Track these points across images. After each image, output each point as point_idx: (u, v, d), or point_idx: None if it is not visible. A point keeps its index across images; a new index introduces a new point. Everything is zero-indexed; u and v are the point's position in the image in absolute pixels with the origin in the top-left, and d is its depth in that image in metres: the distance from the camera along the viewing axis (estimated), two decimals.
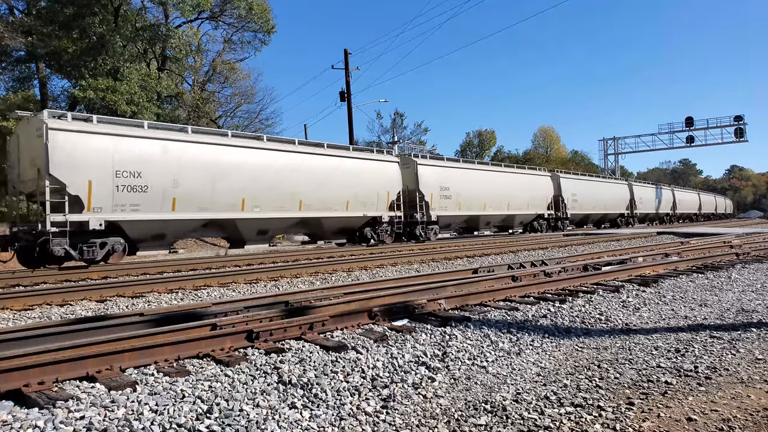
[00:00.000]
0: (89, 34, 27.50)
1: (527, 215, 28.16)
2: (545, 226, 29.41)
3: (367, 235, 19.50)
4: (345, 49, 30.48)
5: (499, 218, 26.37)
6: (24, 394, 3.43)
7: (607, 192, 36.87)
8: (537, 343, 4.84)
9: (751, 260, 11.13)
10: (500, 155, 62.23)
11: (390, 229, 20.13)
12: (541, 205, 28.95)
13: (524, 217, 28.19)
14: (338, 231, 18.93)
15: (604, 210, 35.84)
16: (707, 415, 3.18)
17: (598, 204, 34.87)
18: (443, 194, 22.32)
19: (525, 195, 27.62)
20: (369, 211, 19.18)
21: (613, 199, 37.19)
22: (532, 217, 28.57)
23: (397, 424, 3.09)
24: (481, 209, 24.54)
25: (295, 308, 5.64)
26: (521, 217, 27.85)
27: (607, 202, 36.17)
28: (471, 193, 23.73)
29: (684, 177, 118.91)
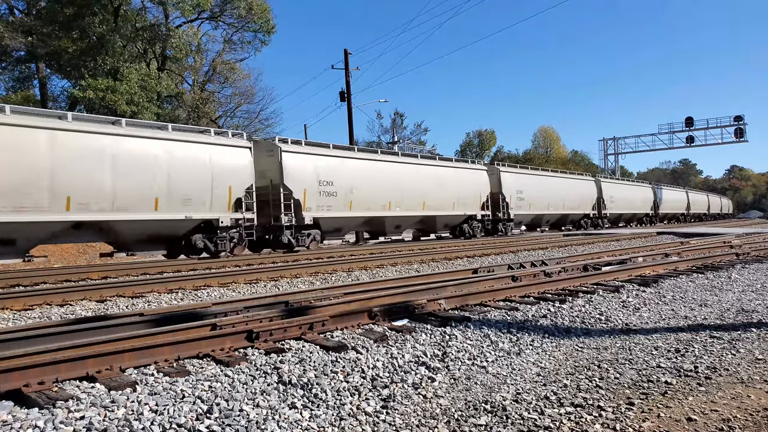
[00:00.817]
0: (89, 34, 27.51)
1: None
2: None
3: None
4: (345, 49, 30.49)
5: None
6: (24, 394, 3.43)
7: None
8: (537, 343, 4.84)
9: (751, 260, 11.13)
10: (500, 155, 62.21)
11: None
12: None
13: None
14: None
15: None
16: (707, 415, 3.18)
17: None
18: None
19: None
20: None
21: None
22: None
23: (397, 424, 3.09)
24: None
25: (295, 308, 5.64)
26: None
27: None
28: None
29: (684, 177, 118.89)
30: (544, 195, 28.34)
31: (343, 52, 30.46)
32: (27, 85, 30.72)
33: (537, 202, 27.71)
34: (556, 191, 29.68)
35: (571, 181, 31.77)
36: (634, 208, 38.74)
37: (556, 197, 29.57)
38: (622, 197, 36.33)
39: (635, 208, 38.87)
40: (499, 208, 27.20)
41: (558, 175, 31.71)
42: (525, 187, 26.90)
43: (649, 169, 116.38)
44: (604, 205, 33.67)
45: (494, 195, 25.70)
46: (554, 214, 29.78)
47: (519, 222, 27.32)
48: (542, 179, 29.18)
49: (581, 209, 32.10)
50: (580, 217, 32.47)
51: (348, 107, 30.61)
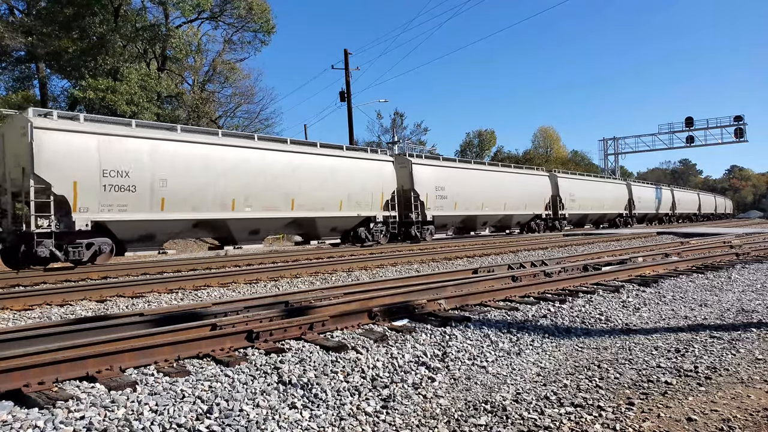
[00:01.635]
0: (89, 34, 27.51)
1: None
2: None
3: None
4: (345, 49, 30.49)
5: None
6: (24, 394, 3.43)
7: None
8: (537, 343, 4.84)
9: (751, 260, 11.13)
10: (500, 155, 62.21)
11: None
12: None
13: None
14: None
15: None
16: (707, 415, 3.18)
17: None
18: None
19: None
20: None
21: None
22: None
23: (397, 424, 3.09)
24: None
25: (295, 308, 5.64)
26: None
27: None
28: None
29: (684, 177, 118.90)
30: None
31: (343, 52, 30.48)
32: (27, 85, 30.74)
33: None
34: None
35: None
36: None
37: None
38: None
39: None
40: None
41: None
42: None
43: (649, 169, 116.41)
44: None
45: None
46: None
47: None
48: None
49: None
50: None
51: (348, 107, 30.62)
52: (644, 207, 41.62)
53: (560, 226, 30.32)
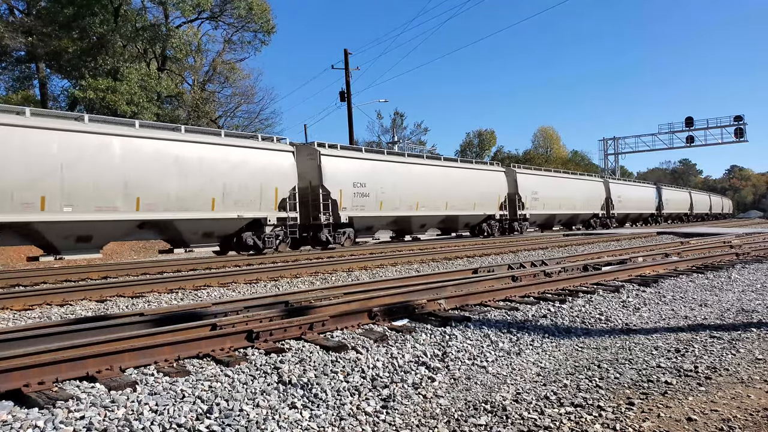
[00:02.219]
0: (89, 34, 27.52)
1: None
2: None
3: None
4: (345, 49, 30.50)
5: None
6: (24, 394, 3.43)
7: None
8: (537, 343, 4.84)
9: (751, 260, 11.13)
10: (500, 155, 62.23)
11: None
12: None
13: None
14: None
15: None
16: (707, 415, 3.18)
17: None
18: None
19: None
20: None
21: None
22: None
23: (397, 424, 3.09)
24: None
25: (295, 308, 5.64)
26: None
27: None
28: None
29: (684, 177, 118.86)
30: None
31: (343, 52, 30.49)
32: (27, 85, 30.76)
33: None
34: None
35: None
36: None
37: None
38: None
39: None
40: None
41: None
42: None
43: (649, 169, 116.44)
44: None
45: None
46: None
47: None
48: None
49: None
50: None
51: (348, 107, 30.63)
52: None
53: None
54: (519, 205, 27.13)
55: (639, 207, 40.92)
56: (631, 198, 39.11)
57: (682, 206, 52.48)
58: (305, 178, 17.76)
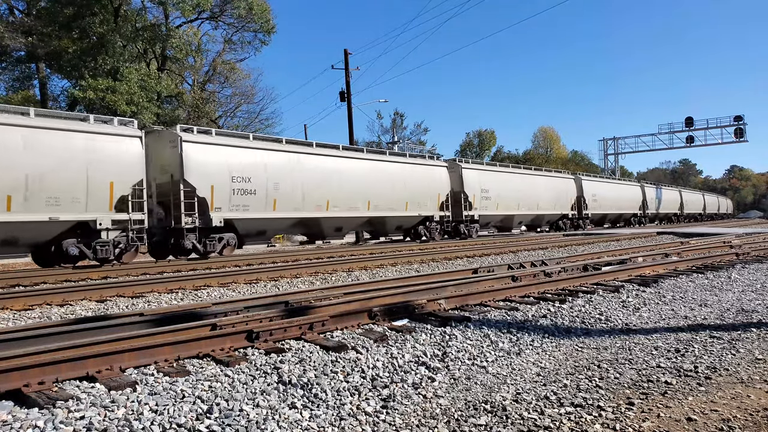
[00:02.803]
0: (89, 34, 27.52)
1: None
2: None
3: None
4: (345, 49, 30.49)
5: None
6: (24, 394, 3.43)
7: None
8: (537, 343, 4.84)
9: (751, 260, 11.12)
10: (500, 155, 62.22)
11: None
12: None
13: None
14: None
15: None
16: (707, 415, 3.18)
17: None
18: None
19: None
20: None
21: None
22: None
23: (397, 424, 3.09)
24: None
25: (295, 308, 5.63)
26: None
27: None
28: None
29: (684, 177, 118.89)
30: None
31: (343, 52, 30.48)
32: (27, 85, 30.78)
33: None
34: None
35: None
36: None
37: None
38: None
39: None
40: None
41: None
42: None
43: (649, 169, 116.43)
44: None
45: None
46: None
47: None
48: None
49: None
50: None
51: (348, 107, 30.62)
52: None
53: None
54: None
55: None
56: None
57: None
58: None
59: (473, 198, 24.07)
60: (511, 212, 26.87)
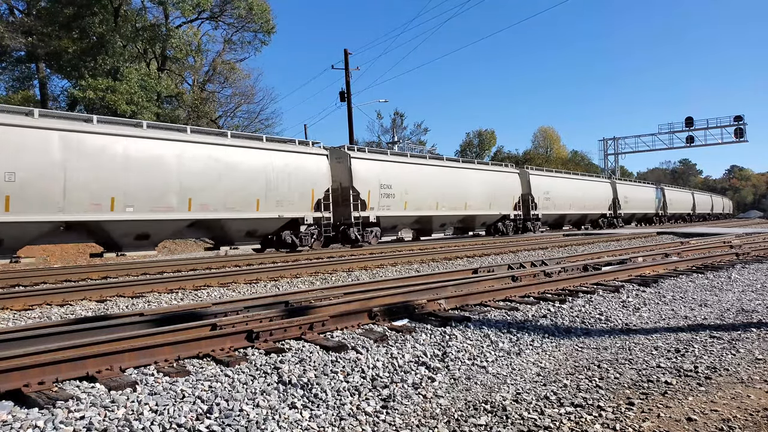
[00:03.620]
0: (89, 34, 27.51)
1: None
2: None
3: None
4: (345, 49, 30.50)
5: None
6: (24, 394, 3.43)
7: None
8: (537, 343, 4.84)
9: (751, 260, 11.12)
10: (500, 155, 62.19)
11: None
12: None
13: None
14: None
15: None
16: (707, 415, 3.18)
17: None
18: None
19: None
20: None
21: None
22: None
23: (397, 424, 3.09)
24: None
25: (295, 308, 5.64)
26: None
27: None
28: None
29: (684, 177, 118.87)
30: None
31: (343, 52, 30.49)
32: (27, 85, 30.73)
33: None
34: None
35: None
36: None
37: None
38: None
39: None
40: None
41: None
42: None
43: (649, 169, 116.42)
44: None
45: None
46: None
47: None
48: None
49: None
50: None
51: (348, 107, 30.63)
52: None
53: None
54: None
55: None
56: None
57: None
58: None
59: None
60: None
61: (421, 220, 22.72)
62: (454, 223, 25.24)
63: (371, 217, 19.70)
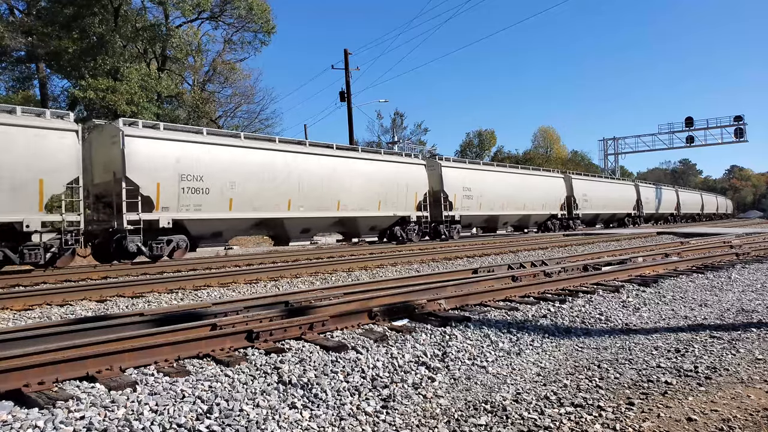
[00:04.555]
0: (89, 34, 27.49)
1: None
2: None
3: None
4: (345, 49, 30.51)
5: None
6: (24, 394, 3.43)
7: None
8: (537, 343, 4.84)
9: (751, 260, 11.12)
10: (500, 155, 62.15)
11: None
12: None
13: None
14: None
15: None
16: (707, 415, 3.18)
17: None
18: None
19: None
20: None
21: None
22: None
23: (397, 424, 3.09)
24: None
25: (295, 308, 5.64)
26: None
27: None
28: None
29: (684, 177, 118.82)
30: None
31: (343, 52, 30.49)
32: (27, 85, 30.72)
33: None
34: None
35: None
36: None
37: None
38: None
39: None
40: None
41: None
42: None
43: (649, 169, 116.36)
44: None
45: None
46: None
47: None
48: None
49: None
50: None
51: (348, 107, 30.63)
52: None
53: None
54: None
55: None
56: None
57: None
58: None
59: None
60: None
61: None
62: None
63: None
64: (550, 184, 30.47)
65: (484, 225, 26.99)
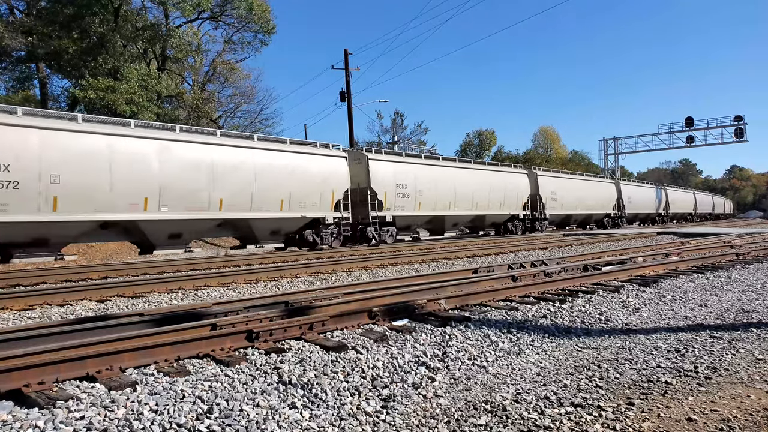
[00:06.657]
0: (89, 34, 27.48)
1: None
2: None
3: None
4: (345, 49, 30.49)
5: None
6: (24, 394, 3.43)
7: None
8: (537, 343, 4.84)
9: (751, 260, 11.12)
10: (500, 155, 62.13)
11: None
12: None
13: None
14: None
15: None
16: (707, 415, 3.18)
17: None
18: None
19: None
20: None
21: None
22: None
23: (397, 424, 3.09)
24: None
25: (295, 308, 5.63)
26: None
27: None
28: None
29: (684, 177, 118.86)
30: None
31: (343, 52, 30.48)
32: (27, 85, 30.70)
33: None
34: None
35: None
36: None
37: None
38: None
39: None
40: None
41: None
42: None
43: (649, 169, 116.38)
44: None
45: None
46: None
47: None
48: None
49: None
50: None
51: (348, 107, 30.61)
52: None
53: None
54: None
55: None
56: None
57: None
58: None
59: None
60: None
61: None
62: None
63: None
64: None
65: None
